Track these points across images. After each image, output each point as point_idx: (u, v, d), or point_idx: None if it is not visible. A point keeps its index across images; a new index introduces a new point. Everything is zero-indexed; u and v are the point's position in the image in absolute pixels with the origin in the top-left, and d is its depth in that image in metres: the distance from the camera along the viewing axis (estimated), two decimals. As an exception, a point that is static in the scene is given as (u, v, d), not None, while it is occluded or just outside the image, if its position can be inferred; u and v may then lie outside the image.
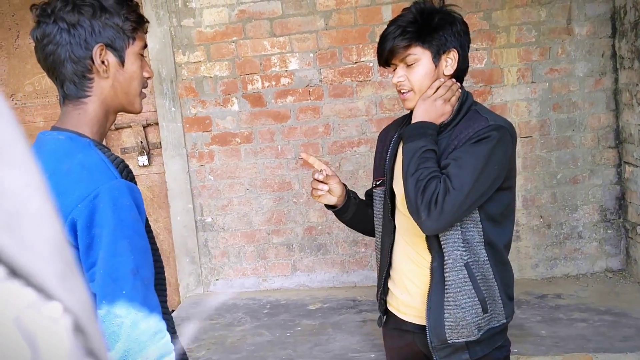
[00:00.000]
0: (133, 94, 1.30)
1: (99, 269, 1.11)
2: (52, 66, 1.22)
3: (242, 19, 3.48)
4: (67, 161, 1.15)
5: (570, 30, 3.31)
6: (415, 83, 1.58)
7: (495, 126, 1.51)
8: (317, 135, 3.52)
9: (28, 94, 3.84)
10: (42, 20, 1.21)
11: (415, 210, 1.50)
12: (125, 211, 1.13)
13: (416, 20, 1.55)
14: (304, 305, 3.35)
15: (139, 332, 1.11)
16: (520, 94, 3.37)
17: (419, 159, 1.52)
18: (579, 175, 3.42)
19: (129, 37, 1.25)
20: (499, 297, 1.60)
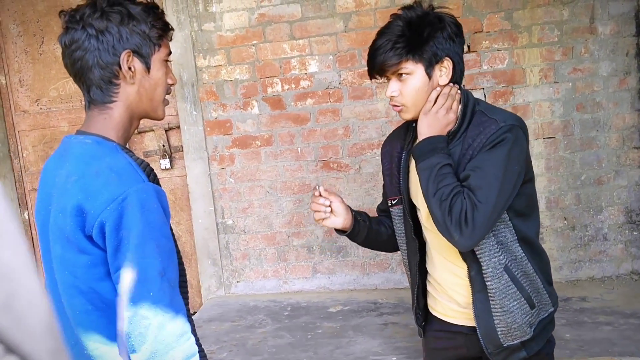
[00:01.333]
0: (157, 100, 1.32)
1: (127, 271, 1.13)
2: (80, 72, 1.24)
3: (262, 23, 3.50)
4: (95, 164, 1.17)
5: (593, 30, 3.26)
6: (408, 97, 1.53)
7: (508, 127, 1.48)
8: (337, 138, 3.52)
9: (53, 99, 3.90)
10: (71, 26, 1.23)
11: (446, 230, 1.47)
12: (152, 214, 1.15)
13: (404, 33, 1.49)
14: (324, 307, 3.35)
15: (165, 334, 1.12)
16: (543, 94, 3.32)
17: (436, 177, 1.48)
18: (604, 176, 3.36)
19: (155, 44, 1.27)
20: (542, 288, 1.59)
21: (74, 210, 1.15)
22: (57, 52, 3.85)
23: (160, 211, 1.18)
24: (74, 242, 1.16)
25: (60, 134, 3.91)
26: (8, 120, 3.93)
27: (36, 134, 3.94)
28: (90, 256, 1.17)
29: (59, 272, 1.23)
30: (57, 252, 1.21)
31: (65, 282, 1.21)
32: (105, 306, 1.20)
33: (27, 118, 3.93)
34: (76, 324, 1.23)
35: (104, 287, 1.19)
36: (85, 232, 1.15)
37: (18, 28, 3.87)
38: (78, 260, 1.18)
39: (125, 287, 1.14)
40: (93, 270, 1.18)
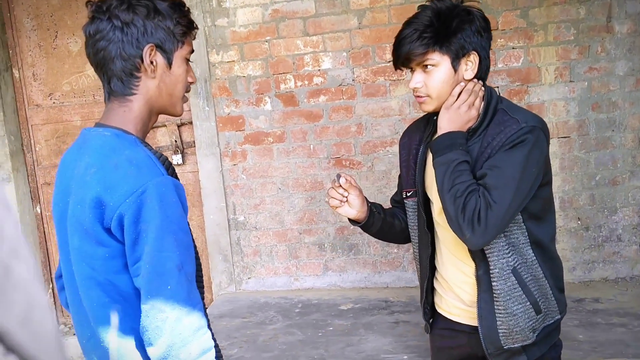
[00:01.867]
0: (177, 96, 1.32)
1: (145, 264, 1.12)
2: (102, 62, 1.25)
3: (276, 19, 3.49)
4: (115, 157, 1.17)
5: (610, 28, 3.23)
6: (433, 89, 1.51)
7: (529, 128, 1.46)
8: (350, 135, 3.51)
9: (66, 93, 3.91)
10: (97, 16, 1.23)
11: (458, 228, 1.46)
12: (171, 207, 1.15)
13: (432, 23, 1.47)
14: (335, 305, 3.34)
15: (182, 327, 1.12)
16: (558, 93, 3.29)
17: (452, 174, 1.47)
18: (619, 176, 3.33)
19: (178, 40, 1.27)
20: (551, 295, 1.57)
21: (93, 202, 1.14)
22: (70, 46, 3.86)
23: (179, 205, 1.18)
24: (92, 234, 1.16)
25: (73, 129, 3.93)
26: (21, 114, 3.94)
27: (49, 128, 3.95)
28: (108, 248, 1.17)
29: (76, 264, 1.23)
30: (75, 244, 1.21)
31: (83, 274, 1.21)
32: (122, 299, 1.20)
33: (40, 112, 3.94)
34: (93, 316, 1.23)
35: (121, 279, 1.19)
36: (104, 225, 1.15)
37: (32, 22, 3.88)
38: (96, 252, 1.17)
39: (143, 279, 1.13)
40: (111, 262, 1.18)
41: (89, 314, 1.24)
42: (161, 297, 1.12)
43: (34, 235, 3.97)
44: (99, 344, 1.23)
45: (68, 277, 1.29)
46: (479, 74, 1.54)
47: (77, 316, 1.31)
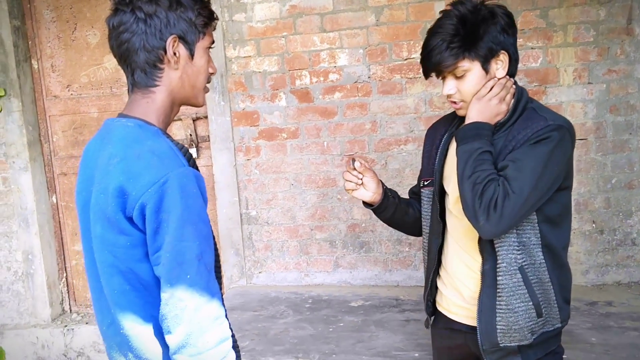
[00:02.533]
0: (198, 87, 1.33)
1: (165, 253, 1.14)
2: (125, 54, 1.26)
3: (293, 14, 3.49)
4: (137, 147, 1.18)
5: (630, 31, 3.19)
6: (467, 94, 1.53)
7: (555, 126, 1.46)
8: (364, 132, 3.51)
9: (83, 85, 3.95)
10: (120, 8, 1.25)
11: (473, 214, 1.46)
12: (192, 198, 1.16)
13: (458, 31, 1.47)
14: (345, 301, 3.34)
15: (201, 316, 1.13)
16: (576, 94, 3.27)
17: (475, 162, 1.48)
18: (635, 180, 3.30)
19: (200, 31, 1.29)
20: (554, 301, 1.56)
21: (116, 192, 1.16)
22: (89, 38, 3.89)
23: (199, 196, 1.19)
24: (114, 223, 1.18)
25: (90, 120, 3.96)
26: (39, 105, 3.98)
27: (66, 119, 3.99)
28: (130, 237, 1.18)
29: (98, 251, 1.24)
30: (97, 232, 1.22)
31: (105, 261, 1.23)
32: (142, 287, 1.22)
33: (58, 103, 3.98)
34: (113, 303, 1.24)
35: (142, 268, 1.20)
36: (126, 214, 1.16)
37: (51, 14, 3.92)
38: (118, 240, 1.19)
39: (163, 269, 1.14)
40: (132, 251, 1.19)
41: (110, 301, 1.25)
42: (181, 286, 1.13)
43: (49, 225, 4.01)
44: (119, 330, 1.25)
45: (90, 265, 1.31)
46: (510, 71, 1.55)
47: (98, 303, 1.33)
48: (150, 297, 1.22)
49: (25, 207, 3.90)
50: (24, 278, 3.96)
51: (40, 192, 3.95)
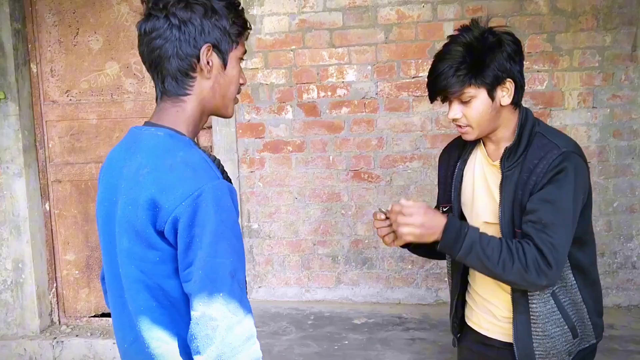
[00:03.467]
0: (229, 97, 1.28)
1: (197, 269, 1.08)
2: (157, 60, 1.21)
3: (302, 29, 3.49)
4: (169, 158, 1.13)
5: (634, 57, 3.26)
6: (472, 120, 1.53)
7: (569, 154, 1.47)
8: (370, 148, 3.50)
9: (83, 91, 3.87)
10: (154, 13, 1.19)
11: (532, 285, 1.46)
12: (226, 212, 1.11)
13: (465, 59, 1.47)
14: (348, 318, 3.31)
15: (233, 337, 1.08)
16: (581, 118, 3.32)
17: (484, 253, 1.45)
18: (637, 204, 3.35)
19: (233, 41, 1.24)
20: (588, 319, 1.57)
21: (147, 204, 1.10)
22: (91, 44, 3.83)
23: (233, 210, 1.14)
24: (143, 237, 1.12)
25: (88, 127, 3.89)
26: (36, 110, 3.89)
27: (64, 125, 3.91)
28: (159, 252, 1.12)
29: (124, 265, 1.18)
30: (123, 245, 1.16)
31: (131, 276, 1.17)
32: (169, 304, 1.16)
33: (56, 108, 3.90)
34: (138, 320, 1.18)
35: (170, 284, 1.14)
36: (157, 227, 1.11)
37: (53, 17, 3.85)
38: (146, 255, 1.13)
39: (194, 286, 1.09)
40: (161, 266, 1.13)
41: (134, 317, 1.19)
42: (213, 304, 1.07)
43: (41, 233, 3.90)
44: (144, 348, 1.18)
45: (112, 279, 1.24)
46: (516, 99, 1.55)
47: (119, 320, 1.26)
48: (178, 314, 1.16)
49: (18, 214, 3.79)
50: (13, 287, 3.84)
51: (33, 199, 3.85)
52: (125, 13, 3.78)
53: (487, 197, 1.61)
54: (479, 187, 1.64)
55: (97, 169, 3.88)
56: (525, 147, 1.53)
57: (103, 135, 3.89)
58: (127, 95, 3.84)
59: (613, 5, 3.23)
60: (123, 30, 3.77)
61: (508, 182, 1.54)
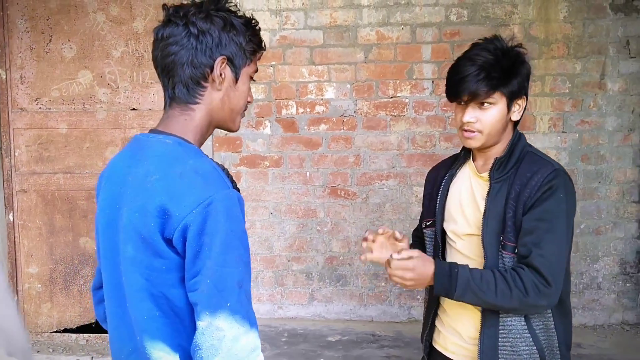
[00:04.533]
0: (237, 111, 1.28)
1: (205, 279, 1.07)
2: (170, 66, 1.21)
3: (283, 45, 3.51)
4: (179, 165, 1.12)
5: (603, 85, 3.40)
6: (486, 126, 1.53)
7: (560, 172, 1.51)
8: (347, 165, 3.53)
9: (54, 99, 3.78)
10: (174, 20, 1.20)
11: (534, 308, 1.48)
12: (236, 222, 1.10)
13: (499, 62, 1.49)
14: (322, 336, 3.29)
15: (239, 348, 1.06)
16: (551, 142, 3.43)
17: (480, 288, 1.46)
18: (602, 226, 3.46)
19: (247, 57, 1.25)
20: (557, 348, 1.56)
21: (156, 211, 1.09)
22: (64, 52, 3.75)
23: (242, 220, 1.14)
24: (150, 244, 1.10)
25: (58, 136, 3.79)
26: (3, 117, 3.77)
27: (32, 134, 3.79)
28: (166, 260, 1.11)
29: (128, 273, 1.15)
30: (128, 253, 1.14)
31: (135, 284, 1.14)
32: (173, 314, 1.14)
33: (24, 116, 3.79)
34: (141, 329, 1.15)
35: (175, 293, 1.12)
36: (165, 235, 1.09)
37: (26, 24, 3.76)
38: (152, 263, 1.11)
39: (201, 295, 1.08)
40: (167, 275, 1.11)
41: (136, 327, 1.16)
42: (220, 315, 1.06)
43: (3, 244, 3.75)
44: (144, 358, 1.16)
45: (112, 288, 1.21)
46: (522, 117, 1.59)
47: (117, 329, 1.23)
48: (181, 325, 1.14)
49: (-21, 224, 3.64)
50: (-30, 300, 3.67)
51: (-4, 208, 3.71)
52: (101, 22, 3.72)
53: (472, 209, 1.61)
54: (465, 198, 1.64)
55: (65, 180, 3.78)
56: (516, 161, 1.56)
57: (73, 145, 3.79)
58: (100, 105, 3.77)
59: (583, 35, 3.37)
60: (98, 39, 3.71)
61: (495, 193, 1.55)
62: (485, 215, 1.55)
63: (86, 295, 3.80)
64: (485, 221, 1.54)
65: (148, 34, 3.72)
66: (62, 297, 3.84)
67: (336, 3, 3.46)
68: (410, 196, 3.51)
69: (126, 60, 3.74)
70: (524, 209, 1.51)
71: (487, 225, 1.54)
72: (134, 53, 3.74)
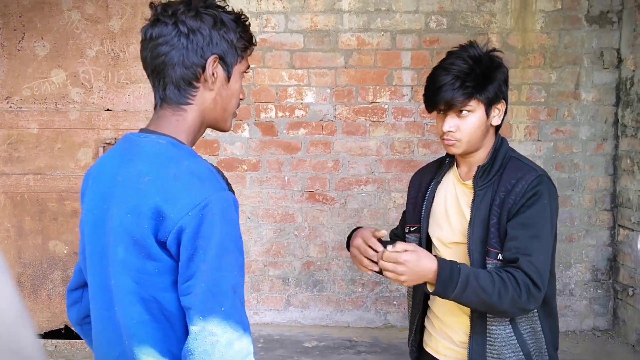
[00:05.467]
0: (229, 111, 1.26)
1: (199, 282, 1.04)
2: (161, 67, 1.17)
3: (263, 48, 3.49)
4: (173, 166, 1.09)
5: (577, 95, 3.47)
6: (466, 134, 1.54)
7: (544, 178, 1.53)
8: (326, 170, 3.52)
9: (25, 98, 3.68)
10: (162, 19, 1.16)
11: (523, 311, 1.49)
12: (231, 225, 1.08)
13: (473, 70, 1.51)
14: (299, 341, 3.26)
15: (232, 353, 1.03)
16: (527, 150, 3.48)
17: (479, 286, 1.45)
18: (575, 234, 3.53)
19: (239, 55, 1.22)
20: (545, 350, 1.58)
21: (150, 213, 1.06)
22: (37, 50, 3.66)
23: (238, 223, 1.12)
24: (142, 247, 1.07)
25: (29, 136, 3.69)
26: (-29, 115, 3.66)
27: (1, 133, 3.68)
28: (158, 263, 1.07)
29: (117, 276, 1.12)
30: (118, 255, 1.10)
31: (125, 288, 1.11)
32: (164, 318, 1.11)
33: (-6, 115, 3.68)
34: (129, 334, 1.12)
35: (167, 297, 1.09)
36: (158, 237, 1.06)
37: (-3, 20, 3.66)
38: (144, 266, 1.08)
39: (195, 299, 1.05)
40: (159, 278, 1.08)
41: (124, 332, 1.12)
42: (214, 319, 1.03)
43: (-32, 247, 3.63)
44: None
45: (99, 291, 1.17)
46: (503, 122, 1.61)
47: (103, 334, 1.19)
48: (171, 329, 1.11)
49: (-56, 226, 3.52)
50: None
51: (-38, 209, 3.59)
52: (76, 20, 3.64)
53: (458, 217, 1.62)
54: (451, 207, 1.65)
55: (36, 181, 3.68)
56: (499, 168, 1.57)
57: (44, 145, 3.69)
58: (73, 105, 3.68)
59: (559, 45, 3.44)
60: (72, 38, 3.63)
61: (480, 200, 1.56)
62: (471, 224, 1.56)
63: (55, 299, 3.70)
64: (471, 229, 1.55)
65: (124, 34, 3.65)
66: (30, 302, 3.72)
67: (317, 7, 3.46)
68: (389, 202, 3.51)
69: (101, 60, 3.67)
70: (509, 215, 1.52)
71: (473, 233, 1.55)
72: (110, 52, 3.67)
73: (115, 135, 3.65)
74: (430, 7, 3.45)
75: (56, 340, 3.61)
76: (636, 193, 3.28)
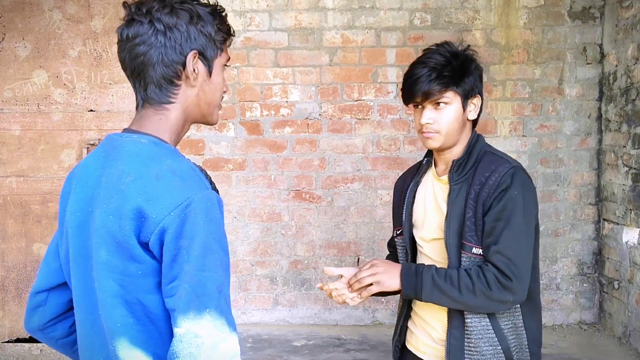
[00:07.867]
0: (214, 105, 1.24)
1: (183, 283, 1.02)
2: (140, 67, 1.14)
3: (247, 46, 3.47)
4: (155, 166, 1.07)
5: (561, 91, 3.50)
6: (444, 126, 1.56)
7: (517, 169, 1.53)
8: (312, 169, 3.51)
9: (7, 100, 3.63)
10: (137, 18, 1.13)
11: (499, 304, 1.48)
12: (215, 224, 1.06)
13: (450, 62, 1.54)
14: (287, 341, 3.25)
15: (218, 355, 1.01)
16: (512, 145, 3.50)
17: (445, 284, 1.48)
18: (561, 228, 3.55)
19: (218, 47, 1.20)
20: (526, 347, 1.57)
21: (132, 214, 1.04)
22: (18, 50, 3.61)
23: (222, 222, 1.09)
24: (125, 248, 1.05)
25: (10, 138, 3.64)
26: (-49, 117, 3.60)
27: (-18, 135, 3.63)
28: (141, 265, 1.05)
29: (101, 279, 1.09)
30: (101, 257, 1.08)
31: (108, 290, 1.08)
32: (148, 320, 1.09)
33: (-26, 117, 3.62)
34: (113, 337, 1.09)
35: (151, 299, 1.07)
36: (141, 239, 1.04)
37: (-23, 20, 3.60)
38: (127, 268, 1.06)
39: (179, 301, 1.03)
40: (142, 280, 1.06)
41: (109, 335, 1.10)
42: (198, 321, 1.01)
43: (-50, 251, 3.57)
44: None
45: (82, 294, 1.15)
46: (477, 117, 1.62)
47: (87, 338, 1.16)
48: (156, 332, 1.09)
49: None
50: None
51: (-56, 213, 3.53)
52: (57, 20, 3.60)
53: (436, 212, 1.63)
54: (429, 203, 1.66)
55: (18, 183, 3.63)
56: (474, 162, 1.58)
57: (27, 147, 3.65)
58: (56, 106, 3.64)
59: (542, 41, 3.45)
60: (54, 38, 3.59)
61: (455, 194, 1.57)
62: (447, 218, 1.56)
63: (40, 303, 3.65)
64: (447, 223, 1.56)
65: (107, 34, 3.62)
66: (15, 306, 3.68)
67: (301, 5, 3.45)
68: (375, 199, 3.51)
69: (84, 60, 3.63)
70: (484, 209, 1.52)
71: (450, 227, 1.55)
72: (92, 53, 3.63)
73: (99, 136, 3.61)
74: (414, 4, 3.45)
75: (41, 344, 3.57)
76: (620, 187, 3.31)
